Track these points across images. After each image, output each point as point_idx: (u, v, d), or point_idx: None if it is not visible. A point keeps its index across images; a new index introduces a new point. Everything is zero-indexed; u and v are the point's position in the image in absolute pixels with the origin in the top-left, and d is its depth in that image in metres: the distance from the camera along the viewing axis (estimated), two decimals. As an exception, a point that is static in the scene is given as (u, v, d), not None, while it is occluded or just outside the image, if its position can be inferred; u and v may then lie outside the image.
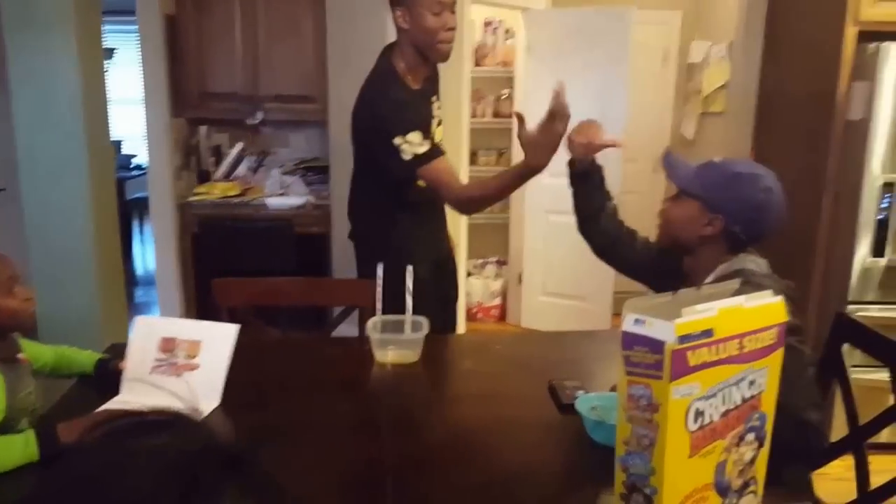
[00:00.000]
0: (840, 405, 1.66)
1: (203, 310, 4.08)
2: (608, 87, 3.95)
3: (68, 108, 2.60)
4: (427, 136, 2.00)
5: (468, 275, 4.52)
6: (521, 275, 4.57)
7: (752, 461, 1.08)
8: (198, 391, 1.53)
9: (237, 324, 1.65)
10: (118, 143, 6.89)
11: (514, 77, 4.50)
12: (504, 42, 4.63)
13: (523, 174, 1.95)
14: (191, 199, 3.99)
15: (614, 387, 1.24)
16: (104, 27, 2.93)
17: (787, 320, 1.06)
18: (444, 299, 2.34)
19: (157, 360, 1.60)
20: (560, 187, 1.89)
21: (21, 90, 2.59)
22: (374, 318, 1.89)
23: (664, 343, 0.93)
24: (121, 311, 3.06)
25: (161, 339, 1.62)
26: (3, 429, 1.38)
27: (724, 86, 4.16)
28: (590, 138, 1.77)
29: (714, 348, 0.96)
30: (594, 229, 1.86)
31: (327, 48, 3.86)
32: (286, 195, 4.04)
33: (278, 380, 1.77)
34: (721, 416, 1.00)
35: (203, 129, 4.22)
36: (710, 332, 0.96)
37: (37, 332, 2.62)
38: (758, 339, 1.02)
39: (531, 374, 1.79)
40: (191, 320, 2.20)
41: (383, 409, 1.64)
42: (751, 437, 1.06)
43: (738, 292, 1.09)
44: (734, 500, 1.07)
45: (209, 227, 3.90)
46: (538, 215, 4.38)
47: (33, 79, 2.58)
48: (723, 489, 1.04)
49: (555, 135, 1.79)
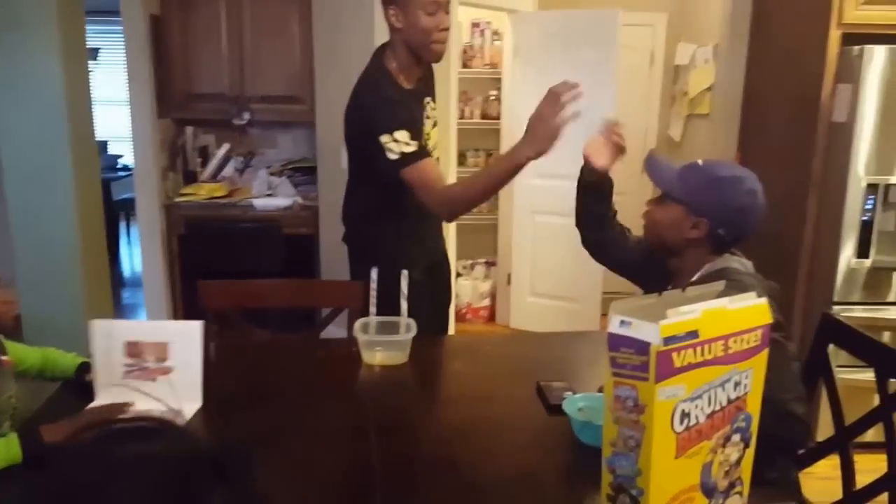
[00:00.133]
0: (826, 405, 1.67)
1: (190, 311, 4.06)
2: (595, 89, 3.91)
3: (52, 108, 2.58)
4: (416, 136, 1.95)
5: (457, 276, 4.52)
6: (509, 276, 4.57)
7: (738, 462, 1.09)
8: (179, 393, 1.52)
9: (203, 321, 1.60)
10: (104, 144, 6.85)
11: (501, 78, 4.51)
12: (491, 43, 4.64)
13: (516, 162, 1.84)
14: (177, 200, 3.96)
15: (601, 388, 1.24)
16: (88, 27, 2.91)
17: (770, 321, 1.06)
18: (438, 303, 2.33)
19: (126, 365, 1.56)
20: (547, 188, 1.90)
21: (4, 91, 2.56)
22: (361, 319, 1.89)
23: (650, 344, 0.93)
24: (107, 312, 3.04)
25: (125, 343, 1.56)
26: None
27: (710, 88, 4.18)
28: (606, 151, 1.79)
29: (699, 350, 0.97)
30: (595, 235, 1.87)
31: (314, 48, 3.85)
32: (273, 196, 4.03)
33: (265, 382, 1.76)
34: (707, 418, 1.01)
35: (189, 130, 4.20)
36: (695, 334, 0.96)
37: (21, 333, 2.61)
38: (742, 340, 1.02)
39: (519, 375, 1.79)
40: (150, 321, 2.15)
41: (371, 412, 1.64)
42: (736, 437, 1.07)
43: (723, 294, 1.09)
44: (720, 501, 1.07)
45: (196, 229, 3.88)
46: (526, 216, 4.39)
47: (16, 79, 2.56)
48: (709, 490, 1.05)
49: (553, 126, 1.75)
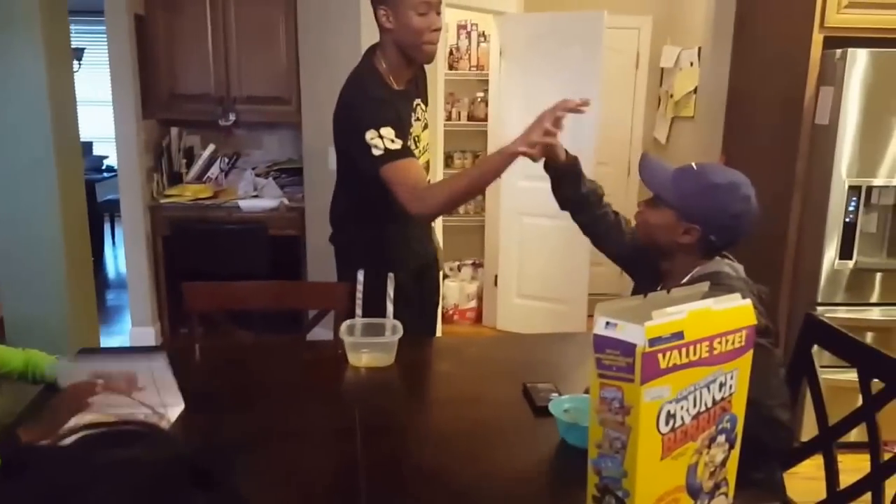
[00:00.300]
0: (810, 405, 1.68)
1: (175, 313, 4.03)
2: (581, 91, 3.94)
3: (35, 109, 2.56)
4: (402, 136, 1.94)
5: (444, 277, 4.52)
6: (496, 277, 4.57)
7: (724, 463, 1.09)
8: (161, 397, 1.50)
9: (164, 351, 1.57)
10: (89, 145, 6.79)
11: (488, 80, 4.52)
12: (478, 45, 4.64)
13: (505, 153, 1.80)
14: (162, 201, 3.93)
15: (588, 389, 1.24)
16: (74, 27, 2.88)
17: (756, 323, 1.07)
18: (425, 306, 2.32)
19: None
20: (534, 190, 1.89)
21: (-14, 90, 2.53)
22: (347, 321, 1.88)
23: (635, 346, 0.94)
24: (91, 314, 3.01)
25: (91, 373, 1.52)
26: None
27: (695, 90, 4.21)
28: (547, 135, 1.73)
29: (684, 351, 0.97)
30: (580, 220, 1.84)
31: (300, 49, 3.84)
32: (259, 197, 4.01)
33: (251, 384, 1.75)
34: (692, 419, 1.01)
35: (174, 131, 4.17)
36: (680, 335, 0.96)
37: (4, 335, 2.58)
38: (727, 341, 1.03)
39: (506, 376, 1.79)
40: (112, 355, 2.08)
41: (357, 414, 1.63)
42: (721, 438, 1.08)
43: (708, 295, 1.10)
44: (706, 502, 1.08)
45: (181, 230, 3.85)
46: (513, 217, 4.40)
47: (-2, 79, 2.53)
48: (694, 491, 1.05)
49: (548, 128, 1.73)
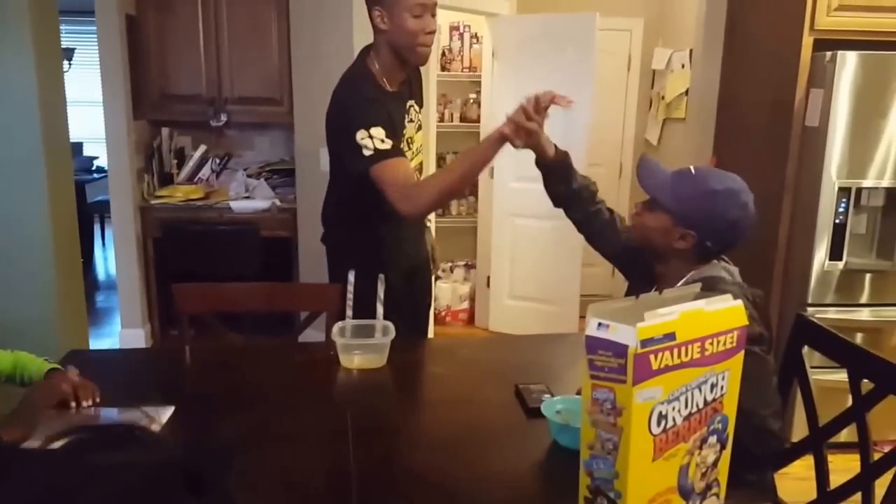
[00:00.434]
0: (801, 406, 1.69)
1: (165, 315, 4.01)
2: (574, 93, 3.94)
3: (24, 109, 2.54)
4: (392, 136, 1.93)
5: (436, 279, 4.51)
6: (488, 278, 4.58)
7: (715, 464, 1.09)
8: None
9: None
10: (79, 146, 6.75)
11: (481, 81, 4.52)
12: (471, 47, 4.65)
13: (489, 140, 1.81)
14: (153, 202, 3.92)
15: (580, 390, 1.24)
16: (64, 27, 2.87)
17: (747, 324, 1.07)
18: (416, 308, 2.31)
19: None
20: (526, 191, 1.89)
21: (-26, 91, 2.52)
22: (339, 322, 1.88)
23: (627, 347, 0.94)
24: (80, 316, 2.99)
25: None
26: None
27: (686, 92, 4.23)
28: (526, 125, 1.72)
29: (676, 352, 0.97)
30: (573, 216, 1.83)
31: (292, 50, 3.83)
32: (251, 198, 4.00)
33: (242, 385, 1.74)
34: (683, 420, 1.01)
35: (165, 132, 4.15)
36: (672, 336, 0.96)
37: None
38: (719, 342, 1.03)
39: (498, 377, 1.79)
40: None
41: (349, 415, 1.63)
42: (713, 439, 1.08)
43: (700, 296, 1.10)
44: (697, 503, 1.08)
45: (172, 231, 3.83)
46: (505, 219, 4.40)
47: (-13, 79, 2.51)
48: (686, 492, 1.05)
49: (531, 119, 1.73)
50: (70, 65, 6.15)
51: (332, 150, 2.08)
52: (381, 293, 1.84)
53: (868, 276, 2.92)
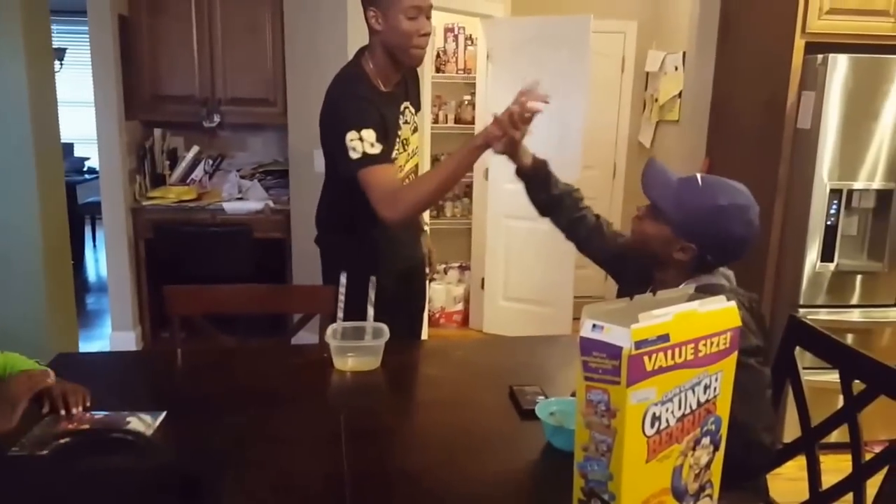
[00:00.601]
0: (793, 406, 1.70)
1: (157, 317, 3.99)
2: (568, 95, 3.99)
3: (15, 110, 2.53)
4: (383, 139, 1.92)
5: (431, 280, 4.51)
6: (483, 280, 4.58)
7: (708, 465, 1.10)
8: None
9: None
10: (71, 147, 6.72)
11: (475, 83, 4.52)
12: (465, 48, 4.65)
13: (470, 146, 1.82)
14: (145, 203, 3.90)
15: (574, 392, 1.24)
16: (56, 27, 2.85)
17: (742, 329, 1.07)
18: (410, 310, 2.30)
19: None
20: (520, 193, 1.88)
21: (-35, 91, 2.50)
22: (333, 324, 1.87)
23: (621, 348, 0.94)
24: (70, 318, 2.97)
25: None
26: None
27: (679, 94, 4.24)
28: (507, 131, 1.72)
29: (670, 353, 0.97)
30: (558, 224, 1.83)
31: (286, 50, 3.82)
32: (244, 199, 3.98)
33: (235, 388, 1.73)
34: (677, 421, 1.01)
35: (158, 132, 4.13)
36: (666, 337, 0.96)
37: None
38: (712, 343, 1.03)
39: (492, 379, 1.79)
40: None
41: (343, 418, 1.62)
42: (706, 441, 1.08)
43: (694, 297, 1.10)
44: (690, 504, 1.08)
45: (164, 232, 3.82)
46: (499, 220, 4.40)
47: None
48: (680, 493, 1.05)
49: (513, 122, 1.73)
50: (61, 65, 6.12)
51: (326, 150, 2.08)
52: (372, 296, 1.83)
53: (859, 278, 2.94)
